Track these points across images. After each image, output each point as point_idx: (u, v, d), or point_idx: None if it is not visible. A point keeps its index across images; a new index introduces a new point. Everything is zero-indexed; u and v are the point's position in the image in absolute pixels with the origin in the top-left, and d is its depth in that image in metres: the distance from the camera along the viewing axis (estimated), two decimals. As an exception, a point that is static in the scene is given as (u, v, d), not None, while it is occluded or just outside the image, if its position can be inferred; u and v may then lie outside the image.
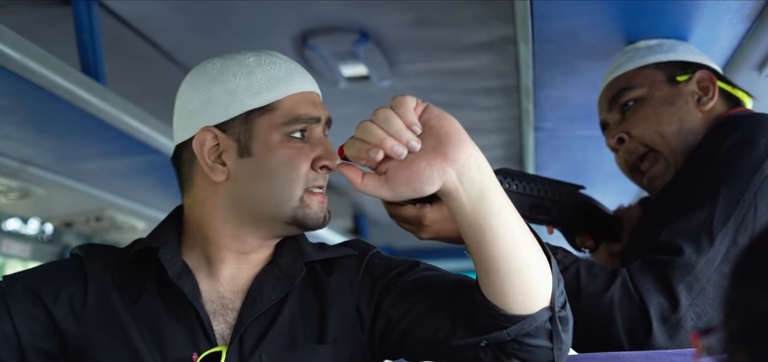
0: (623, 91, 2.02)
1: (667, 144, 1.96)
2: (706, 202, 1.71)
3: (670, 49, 2.06)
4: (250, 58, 1.65)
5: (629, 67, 2.05)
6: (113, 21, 2.79)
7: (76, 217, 3.79)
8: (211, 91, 1.62)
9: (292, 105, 1.63)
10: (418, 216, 1.76)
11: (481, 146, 1.41)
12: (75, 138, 2.72)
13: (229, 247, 1.65)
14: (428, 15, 2.81)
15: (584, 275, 1.69)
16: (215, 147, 1.60)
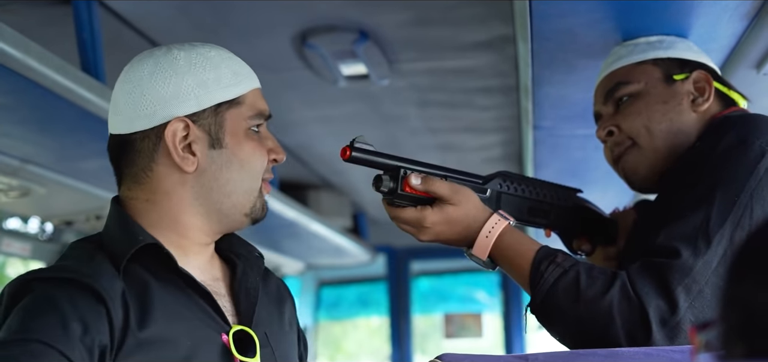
0: (619, 85, 2.02)
1: (652, 141, 1.97)
2: (702, 205, 1.71)
3: (669, 46, 2.06)
4: (212, 52, 1.69)
5: (627, 61, 2.05)
6: (113, 20, 2.80)
7: (77, 216, 3.79)
8: (181, 82, 1.63)
9: (253, 100, 1.71)
10: (419, 219, 1.80)
11: (480, 145, 1.42)
12: (75, 136, 2.73)
13: (194, 238, 1.68)
14: (427, 14, 2.82)
15: (584, 278, 1.69)
16: (184, 137, 1.62)
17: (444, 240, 1.84)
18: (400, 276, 6.90)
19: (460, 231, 1.83)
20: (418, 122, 4.06)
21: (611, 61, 2.09)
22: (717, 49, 2.31)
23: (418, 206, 1.81)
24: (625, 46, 2.09)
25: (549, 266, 1.73)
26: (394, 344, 6.85)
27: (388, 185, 1.79)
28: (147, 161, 1.65)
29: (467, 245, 1.85)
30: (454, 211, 1.81)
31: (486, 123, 4.08)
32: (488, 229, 1.81)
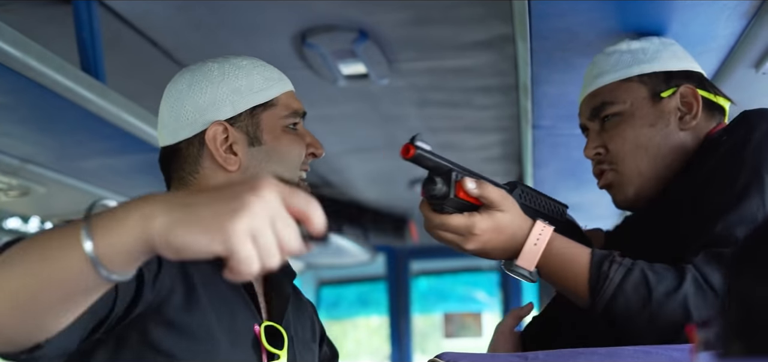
0: (605, 104, 1.97)
1: (638, 166, 1.95)
2: (752, 191, 1.71)
3: (654, 56, 2.00)
4: (244, 62, 1.84)
5: (612, 77, 1.99)
6: (113, 19, 2.80)
7: (77, 215, 3.78)
8: (216, 90, 1.79)
9: (287, 100, 1.85)
10: (469, 226, 1.71)
11: (479, 145, 1.43)
12: (75, 136, 2.73)
13: None
14: (427, 13, 2.82)
15: (651, 275, 1.66)
16: (225, 139, 1.77)
17: (489, 250, 1.75)
18: (399, 275, 6.91)
19: (506, 240, 1.75)
20: (417, 121, 4.06)
21: (595, 73, 2.03)
22: (715, 49, 2.31)
23: (466, 212, 1.72)
24: (608, 56, 2.03)
25: (612, 265, 1.70)
26: (394, 343, 6.86)
27: (442, 189, 1.70)
28: (193, 165, 1.80)
29: (512, 255, 1.77)
30: (502, 218, 1.73)
31: (485, 122, 4.08)
32: (536, 236, 1.75)
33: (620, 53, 2.01)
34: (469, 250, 1.74)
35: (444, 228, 1.72)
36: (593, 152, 2.01)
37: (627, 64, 1.99)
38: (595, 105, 1.99)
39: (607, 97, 1.97)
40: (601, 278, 1.69)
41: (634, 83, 1.97)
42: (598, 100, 1.99)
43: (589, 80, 2.04)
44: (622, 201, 2.00)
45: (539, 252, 1.74)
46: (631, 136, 1.94)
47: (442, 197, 1.69)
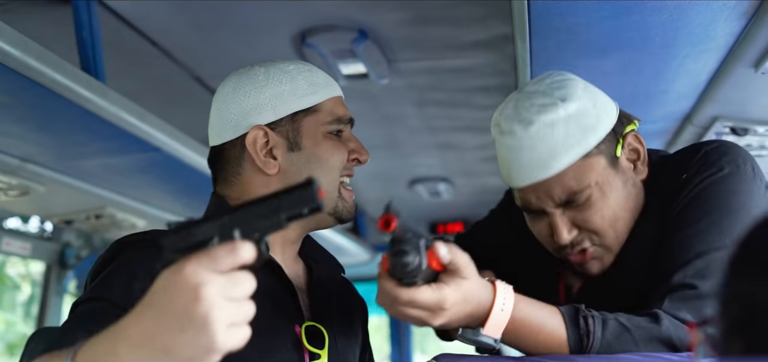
0: (574, 194, 1.82)
1: (619, 235, 1.87)
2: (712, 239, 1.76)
3: (597, 117, 1.83)
4: (290, 66, 1.88)
5: (568, 159, 1.80)
6: (113, 19, 2.80)
7: (76, 215, 3.79)
8: (259, 95, 1.83)
9: (332, 107, 1.88)
10: (440, 301, 1.54)
11: (479, 144, 1.42)
12: (75, 135, 2.73)
13: (284, 235, 1.84)
14: (427, 13, 2.82)
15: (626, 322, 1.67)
16: (265, 143, 1.82)
17: (454, 322, 1.60)
18: (399, 275, 6.89)
19: (472, 309, 1.60)
20: (417, 121, 4.06)
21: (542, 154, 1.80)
22: (715, 48, 2.31)
23: (433, 285, 1.55)
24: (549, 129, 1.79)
25: (588, 320, 1.65)
26: (394, 343, 6.85)
27: (414, 261, 1.49)
28: (235, 167, 1.86)
29: (475, 323, 1.63)
30: (468, 286, 1.58)
31: (485, 122, 4.04)
32: (501, 302, 1.61)
33: (564, 124, 1.80)
34: (435, 326, 1.60)
35: (412, 304, 1.54)
36: (570, 237, 1.86)
37: (579, 137, 1.81)
38: (561, 195, 1.83)
39: (574, 185, 1.81)
40: (584, 335, 1.64)
41: (593, 157, 1.82)
42: (564, 189, 1.82)
43: (534, 162, 1.81)
44: (599, 270, 1.91)
45: (507, 319, 1.61)
46: (607, 211, 1.85)
47: (416, 270, 1.50)
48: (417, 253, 1.49)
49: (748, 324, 0.81)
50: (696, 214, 1.80)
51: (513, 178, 1.87)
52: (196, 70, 3.32)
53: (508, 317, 1.61)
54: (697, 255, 1.74)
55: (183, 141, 2.95)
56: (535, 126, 1.80)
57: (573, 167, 1.80)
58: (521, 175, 1.84)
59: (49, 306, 4.33)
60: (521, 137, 1.81)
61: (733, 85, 2.51)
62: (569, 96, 1.81)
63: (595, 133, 1.82)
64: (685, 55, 2.37)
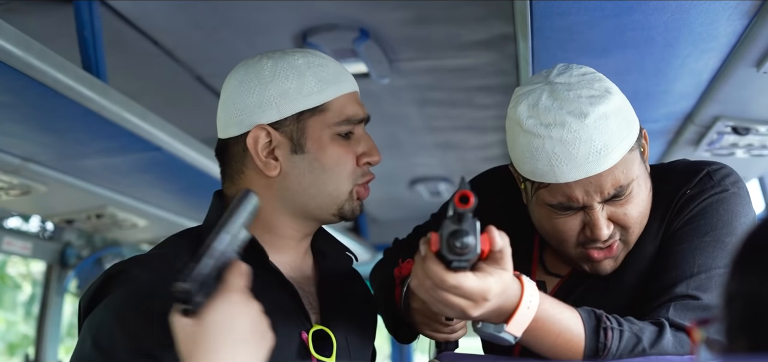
0: (622, 188, 1.77)
1: (638, 234, 1.86)
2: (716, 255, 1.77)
3: (631, 112, 1.82)
4: (299, 60, 1.76)
5: (620, 153, 1.75)
6: (114, 18, 2.80)
7: (77, 215, 3.79)
8: (264, 92, 1.73)
9: (341, 106, 1.77)
10: (484, 291, 1.46)
11: (480, 144, 1.40)
12: (76, 135, 2.73)
13: (286, 235, 1.79)
14: (428, 13, 2.82)
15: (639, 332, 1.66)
16: (268, 143, 1.73)
17: (486, 316, 1.54)
18: (400, 275, 6.89)
19: (503, 303, 1.53)
20: (418, 121, 4.06)
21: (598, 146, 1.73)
22: (717, 48, 2.30)
23: (478, 274, 1.47)
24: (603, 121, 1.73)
25: (607, 333, 1.62)
26: (394, 343, 6.85)
27: (472, 243, 1.41)
28: (239, 164, 1.78)
29: (501, 318, 1.56)
30: (508, 279, 1.51)
31: (486, 122, 4.07)
32: (528, 300, 1.55)
33: (615, 117, 1.76)
34: (472, 317, 1.51)
35: (457, 292, 1.46)
36: (609, 232, 1.81)
37: (627, 131, 1.78)
38: (610, 190, 1.77)
39: (623, 179, 1.76)
40: (600, 348, 1.62)
41: (634, 151, 1.80)
42: (613, 182, 1.76)
43: (590, 155, 1.74)
44: (612, 270, 1.87)
45: (531, 317, 1.55)
46: (643, 205, 1.82)
47: (472, 253, 1.42)
48: (476, 235, 1.41)
49: (752, 322, 0.81)
50: (700, 229, 1.80)
51: (562, 172, 1.74)
52: (198, 70, 3.32)
53: (533, 316, 1.55)
54: (701, 270, 1.75)
55: (184, 140, 2.95)
56: (591, 118, 1.72)
57: (622, 160, 1.76)
58: (575, 168, 1.73)
59: (49, 306, 4.33)
60: (577, 129, 1.72)
61: (734, 85, 2.51)
62: (610, 87, 1.78)
63: (635, 126, 1.80)
64: (686, 54, 2.37)
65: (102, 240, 4.44)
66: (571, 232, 1.83)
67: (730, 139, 3.06)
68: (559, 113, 1.73)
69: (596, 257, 1.84)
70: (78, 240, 4.37)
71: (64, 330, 4.87)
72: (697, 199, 1.83)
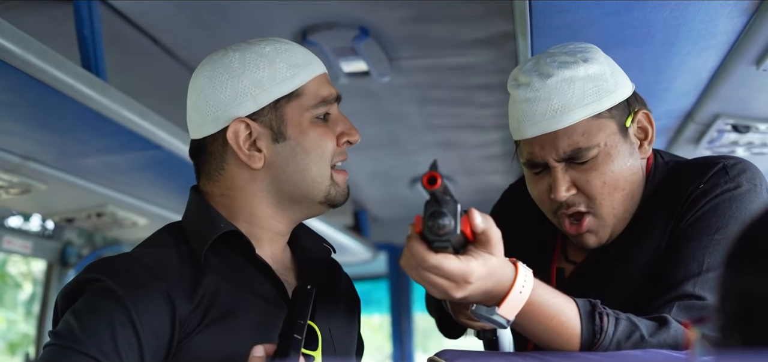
0: (580, 150, 1.82)
1: (614, 209, 1.87)
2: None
3: (615, 83, 1.86)
4: (266, 48, 1.75)
5: (581, 114, 1.82)
6: (114, 16, 2.80)
7: (77, 213, 3.80)
8: (237, 84, 1.72)
9: (315, 88, 1.77)
10: (465, 273, 1.49)
11: (480, 142, 1.41)
12: (76, 133, 2.73)
13: (269, 228, 1.78)
14: (428, 11, 2.82)
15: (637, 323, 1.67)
16: (248, 136, 1.72)
17: (472, 298, 1.56)
18: (401, 274, 6.87)
19: (492, 286, 1.54)
20: (418, 119, 4.06)
21: (555, 106, 1.82)
22: (716, 46, 2.31)
23: (460, 256, 1.51)
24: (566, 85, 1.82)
25: (603, 318, 1.63)
26: (396, 342, 6.85)
27: (450, 225, 1.45)
28: (219, 162, 1.76)
29: (492, 301, 1.57)
30: (494, 263, 1.52)
31: (486, 120, 4.07)
32: (521, 284, 1.56)
33: (582, 82, 1.83)
34: (454, 298, 1.53)
35: (437, 272, 1.50)
36: (567, 194, 1.86)
37: (594, 97, 1.83)
38: (566, 149, 1.83)
39: (583, 142, 1.82)
40: (597, 331, 1.62)
41: (605, 119, 1.84)
42: (571, 143, 1.83)
43: (547, 113, 1.83)
44: (595, 244, 1.91)
45: (524, 301, 1.57)
46: (610, 177, 1.84)
47: (450, 234, 1.46)
48: (453, 217, 1.45)
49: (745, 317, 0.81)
50: (711, 226, 1.80)
51: (523, 129, 1.86)
52: (197, 68, 3.32)
53: (526, 300, 1.56)
54: (709, 269, 1.74)
55: (184, 139, 2.94)
56: (553, 79, 1.82)
57: (584, 123, 1.82)
58: (532, 125, 1.84)
59: (50, 305, 4.33)
60: (538, 88, 1.83)
61: (734, 83, 2.51)
62: (591, 59, 1.84)
63: (610, 97, 1.84)
64: (686, 52, 2.37)
65: (102, 238, 4.44)
66: (542, 194, 1.90)
67: (731, 137, 3.07)
68: (530, 74, 1.85)
69: (568, 229, 1.90)
70: (78, 239, 4.37)
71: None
72: (710, 195, 1.82)
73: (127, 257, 1.70)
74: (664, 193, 1.90)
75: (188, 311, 1.60)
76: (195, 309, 1.62)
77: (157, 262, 1.65)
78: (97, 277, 1.61)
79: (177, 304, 1.59)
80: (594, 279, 1.93)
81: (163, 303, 1.58)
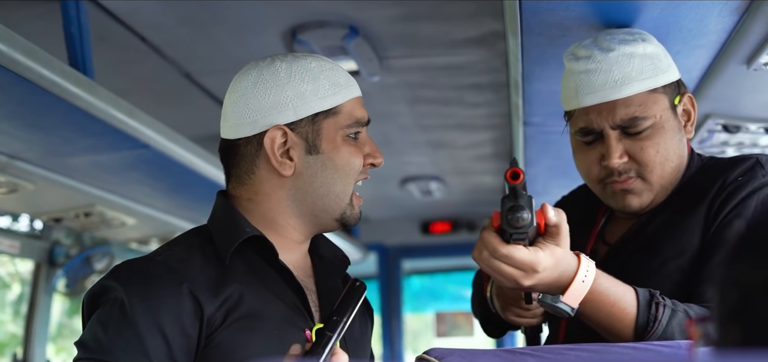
0: (637, 119, 1.93)
1: (663, 176, 1.97)
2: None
3: (668, 63, 1.99)
4: (312, 63, 1.83)
5: (639, 87, 1.93)
6: (101, 15, 2.78)
7: (65, 213, 3.78)
8: (280, 93, 1.79)
9: (352, 108, 1.85)
10: (533, 263, 1.64)
11: (471, 142, 1.43)
12: (63, 132, 2.71)
13: (291, 237, 1.85)
14: (418, 10, 2.81)
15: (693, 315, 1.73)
16: (283, 143, 1.79)
17: (540, 287, 1.70)
18: (391, 274, 6.89)
19: (557, 276, 1.68)
20: (408, 119, 4.05)
21: (616, 78, 1.93)
22: (707, 45, 2.30)
23: (530, 247, 1.65)
24: (627, 59, 1.95)
25: (659, 308, 1.71)
26: (386, 342, 6.84)
27: (528, 218, 1.59)
28: (249, 165, 1.83)
29: (557, 290, 1.71)
30: (560, 254, 1.67)
31: (477, 120, 4.07)
32: (584, 274, 1.69)
33: (640, 59, 1.95)
34: (524, 287, 1.67)
35: (508, 261, 1.64)
36: (620, 161, 1.96)
37: (651, 73, 1.95)
38: (625, 117, 1.94)
39: (639, 112, 1.93)
40: (651, 320, 1.71)
41: (660, 94, 1.95)
42: (628, 112, 1.93)
43: (607, 83, 1.94)
44: (637, 207, 2.00)
45: (586, 290, 1.69)
46: (663, 148, 1.95)
47: (527, 226, 1.60)
48: (530, 210, 1.59)
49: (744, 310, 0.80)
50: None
51: (581, 98, 1.96)
52: (186, 67, 3.30)
53: (588, 288, 1.68)
54: None
55: (173, 138, 2.94)
56: (614, 53, 1.94)
57: (641, 96, 1.93)
58: (591, 94, 1.95)
59: (38, 305, 4.31)
60: (600, 60, 1.94)
61: (725, 82, 2.50)
62: (649, 39, 1.99)
63: (664, 75, 1.96)
64: (676, 51, 2.36)
65: (91, 238, 4.41)
66: (592, 164, 2.01)
67: (721, 137, 3.06)
68: (591, 48, 1.97)
69: (615, 187, 1.99)
70: (66, 239, 4.35)
71: (53, 329, 4.85)
72: (747, 188, 1.88)
73: (149, 259, 1.76)
74: (699, 184, 1.97)
75: (214, 309, 1.67)
76: (219, 307, 1.68)
77: (181, 262, 1.73)
78: (118, 284, 1.67)
79: (203, 301, 1.66)
80: (627, 260, 2.00)
81: (189, 300, 1.65)
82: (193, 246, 1.79)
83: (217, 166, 3.32)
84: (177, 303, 1.64)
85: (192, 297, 1.65)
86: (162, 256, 1.75)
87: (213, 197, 1.90)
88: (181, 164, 3.09)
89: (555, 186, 4.18)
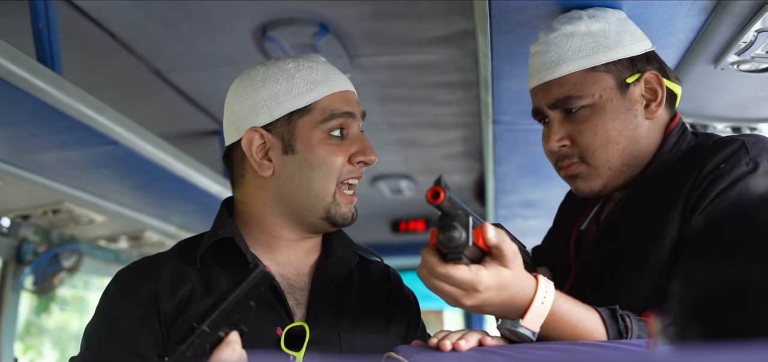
0: (571, 98, 1.91)
1: (608, 161, 1.92)
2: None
3: (617, 40, 1.93)
4: (290, 64, 1.88)
5: (575, 65, 1.91)
6: (70, 11, 2.76)
7: (33, 210, 3.75)
8: (256, 96, 1.85)
9: (328, 103, 1.86)
10: (474, 282, 1.55)
11: (441, 141, 1.42)
12: (31, 128, 2.69)
13: (282, 236, 1.90)
14: (388, 8, 2.81)
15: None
16: (262, 145, 1.84)
17: (487, 308, 1.61)
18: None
19: (508, 299, 1.60)
20: (379, 117, 4.05)
21: (553, 58, 1.93)
22: (674, 44, 2.32)
23: (472, 266, 1.57)
24: (565, 38, 1.93)
25: (625, 319, 1.66)
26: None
27: (461, 237, 1.51)
28: (239, 169, 1.92)
29: (512, 314, 1.64)
30: (508, 276, 1.58)
31: (447, 118, 4.08)
32: (542, 296, 1.62)
33: (580, 37, 1.93)
34: (466, 306, 1.59)
35: (447, 280, 1.57)
36: (558, 145, 1.95)
37: (590, 51, 1.91)
38: (559, 97, 1.92)
39: (573, 91, 1.91)
40: (623, 331, 1.66)
41: (601, 73, 1.91)
42: (562, 92, 1.92)
43: (544, 65, 1.95)
44: (587, 192, 1.98)
45: (546, 312, 1.62)
46: (602, 130, 1.90)
47: (461, 246, 1.52)
48: (464, 229, 1.51)
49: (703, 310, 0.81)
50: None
51: (529, 80, 2.02)
52: (156, 64, 3.28)
53: (548, 311, 1.62)
54: None
55: (141, 134, 2.92)
56: (555, 34, 1.96)
57: (576, 75, 1.92)
58: (532, 77, 1.99)
59: (5, 304, 4.27)
60: (542, 42, 1.98)
61: (692, 82, 2.52)
62: (599, 17, 1.97)
63: (608, 53, 1.92)
64: (644, 50, 2.38)
65: (59, 235, 4.37)
66: (545, 146, 2.00)
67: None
68: (542, 31, 2.01)
69: (562, 173, 2.00)
70: (34, 236, 4.30)
71: (21, 327, 4.81)
72: (727, 178, 1.77)
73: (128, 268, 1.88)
74: (685, 164, 1.86)
75: (172, 306, 1.75)
76: (177, 304, 1.75)
77: (149, 267, 1.84)
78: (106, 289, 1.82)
79: (161, 301, 1.75)
80: (613, 239, 1.94)
81: (149, 302, 1.74)
82: (173, 252, 1.89)
83: (185, 163, 3.31)
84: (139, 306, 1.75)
85: (154, 299, 1.75)
86: (139, 264, 1.88)
87: (182, 194, 1.95)
88: (149, 161, 3.08)
89: (524, 185, 4.20)
